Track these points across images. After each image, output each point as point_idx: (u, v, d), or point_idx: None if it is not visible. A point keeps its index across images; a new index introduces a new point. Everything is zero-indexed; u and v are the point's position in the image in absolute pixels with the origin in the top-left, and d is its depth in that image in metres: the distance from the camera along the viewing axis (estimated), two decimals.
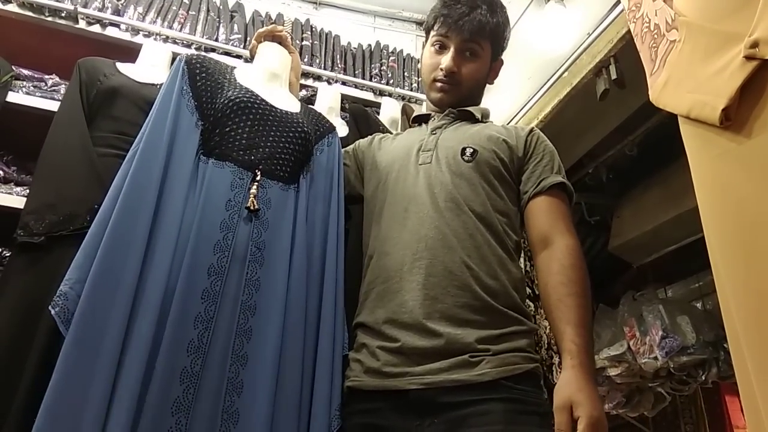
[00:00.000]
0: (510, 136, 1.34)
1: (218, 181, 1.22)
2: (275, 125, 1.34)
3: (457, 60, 1.41)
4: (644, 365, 2.71)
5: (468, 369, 1.08)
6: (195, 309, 1.09)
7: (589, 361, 1.07)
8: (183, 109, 1.28)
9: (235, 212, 1.21)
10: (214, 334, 1.10)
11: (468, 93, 1.45)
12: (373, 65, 2.60)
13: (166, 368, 1.03)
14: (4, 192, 1.74)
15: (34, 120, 1.74)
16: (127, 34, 2.12)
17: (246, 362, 1.11)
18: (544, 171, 1.30)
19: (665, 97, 1.13)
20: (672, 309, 2.75)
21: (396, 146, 1.43)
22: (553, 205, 1.26)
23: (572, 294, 1.12)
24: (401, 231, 1.25)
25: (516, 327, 1.15)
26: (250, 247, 1.19)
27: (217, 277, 1.14)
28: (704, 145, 1.01)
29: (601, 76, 1.85)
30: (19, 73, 1.88)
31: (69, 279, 1.08)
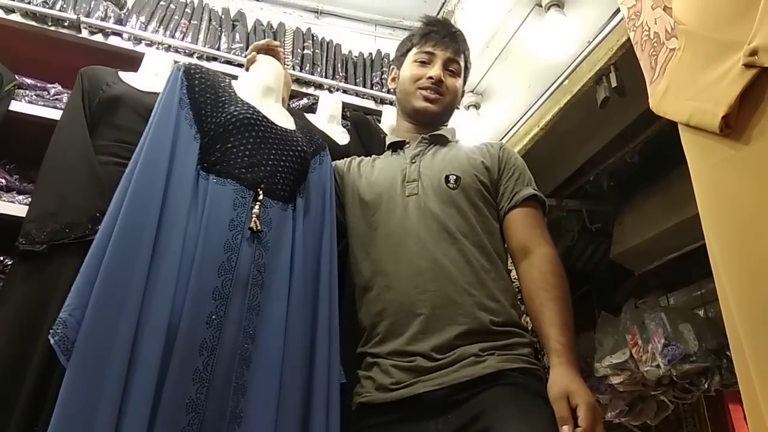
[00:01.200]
0: (485, 157, 1.40)
1: (220, 200, 1.19)
2: (276, 143, 1.32)
3: (444, 72, 1.48)
4: (647, 373, 2.69)
5: (473, 366, 1.13)
6: (201, 335, 1.06)
7: (574, 358, 1.14)
8: (182, 121, 1.26)
9: (238, 233, 1.17)
10: (217, 361, 1.06)
11: (449, 106, 1.52)
12: (374, 73, 2.61)
13: (174, 398, 1.00)
14: (6, 200, 1.74)
15: (37, 129, 1.74)
16: (130, 43, 2.13)
17: (245, 391, 1.08)
18: (517, 185, 1.36)
19: (665, 105, 1.13)
20: (674, 317, 2.74)
21: (379, 176, 1.43)
22: (529, 216, 1.33)
23: (553, 298, 1.20)
24: (399, 265, 1.27)
25: (517, 339, 1.20)
26: (252, 270, 1.16)
27: (222, 301, 1.10)
28: (704, 152, 1.01)
29: (601, 84, 1.86)
30: (21, 82, 1.89)
31: (68, 305, 1.02)
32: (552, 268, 1.24)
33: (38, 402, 1.27)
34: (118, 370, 0.97)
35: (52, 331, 0.99)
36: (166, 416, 0.98)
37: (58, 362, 1.29)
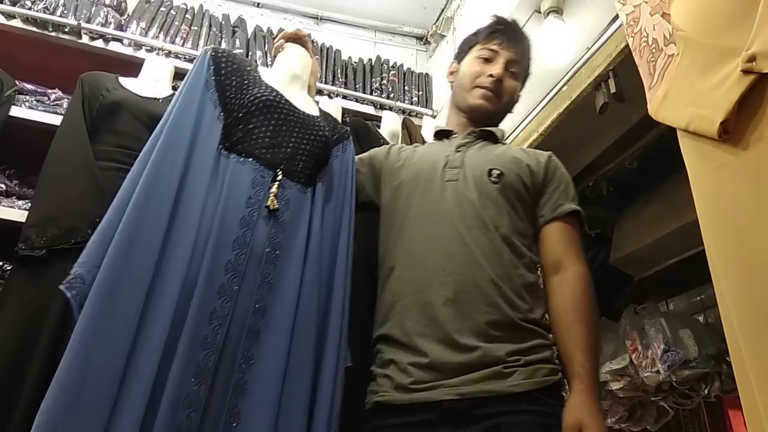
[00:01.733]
0: (531, 161, 1.37)
1: (240, 178, 1.22)
2: (297, 126, 1.34)
3: (504, 73, 1.45)
4: (646, 379, 2.69)
5: (501, 380, 1.10)
6: (211, 304, 1.08)
7: (595, 385, 1.13)
8: (207, 101, 1.28)
9: (255, 210, 1.19)
10: (228, 331, 1.08)
11: (503, 108, 1.49)
12: (374, 79, 2.62)
13: (183, 361, 1.02)
14: (6, 205, 1.75)
15: (37, 134, 1.75)
16: (130, 48, 2.14)
17: (252, 364, 1.10)
18: (561, 197, 1.33)
19: (664, 111, 1.13)
20: (674, 322, 2.73)
21: (419, 160, 1.42)
22: (567, 232, 1.31)
23: (582, 320, 1.18)
24: (429, 246, 1.25)
25: (540, 340, 1.18)
26: (267, 248, 1.18)
27: (234, 274, 1.12)
28: (703, 158, 1.01)
29: (600, 90, 1.86)
30: (22, 88, 1.90)
31: (86, 262, 1.03)
32: (584, 288, 1.23)
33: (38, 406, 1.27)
34: (127, 328, 0.99)
35: (69, 284, 1.00)
36: (175, 378, 1.00)
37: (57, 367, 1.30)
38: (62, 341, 1.34)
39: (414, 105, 2.65)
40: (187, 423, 0.99)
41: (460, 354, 1.13)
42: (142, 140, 1.61)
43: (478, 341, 1.13)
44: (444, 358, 1.13)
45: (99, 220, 1.44)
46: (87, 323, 0.97)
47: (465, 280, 1.19)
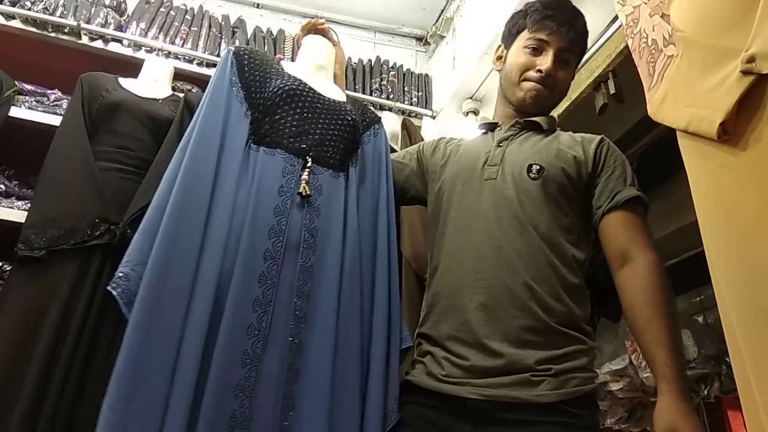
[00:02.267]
0: (578, 150, 1.29)
1: (270, 168, 1.23)
2: (324, 113, 1.35)
3: (556, 64, 1.35)
4: (646, 379, 2.68)
5: (528, 388, 1.08)
6: (252, 293, 1.10)
7: (684, 384, 1.05)
8: (233, 99, 1.30)
9: (287, 198, 1.21)
10: (273, 318, 1.10)
11: (554, 101, 1.41)
12: (374, 80, 2.62)
13: (229, 351, 1.03)
14: (6, 206, 1.75)
15: (36, 135, 1.75)
16: (130, 49, 2.14)
17: (302, 349, 1.11)
18: (617, 184, 1.25)
19: (663, 112, 1.13)
20: None
21: (461, 157, 1.39)
22: (630, 220, 1.22)
23: (660, 314, 1.10)
24: (464, 247, 1.24)
25: (577, 346, 1.14)
26: (303, 233, 1.19)
27: (273, 262, 1.14)
28: (702, 158, 1.01)
29: (599, 91, 1.86)
30: (21, 88, 1.90)
31: (129, 261, 1.07)
32: (658, 279, 1.14)
33: (38, 407, 1.27)
34: (177, 323, 1.02)
35: (114, 284, 1.04)
36: (220, 368, 1.01)
37: (56, 366, 1.30)
38: (61, 341, 1.35)
39: (414, 106, 2.65)
40: (241, 411, 1.01)
41: (491, 359, 1.11)
42: (141, 141, 1.63)
43: (509, 347, 1.11)
44: (475, 362, 1.12)
45: (98, 220, 1.46)
46: (138, 322, 1.00)
47: (496, 284, 1.16)
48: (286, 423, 1.05)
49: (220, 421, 0.99)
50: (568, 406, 1.07)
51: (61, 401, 1.30)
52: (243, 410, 1.02)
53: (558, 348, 1.12)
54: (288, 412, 1.06)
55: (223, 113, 1.25)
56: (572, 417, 1.07)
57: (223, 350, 1.03)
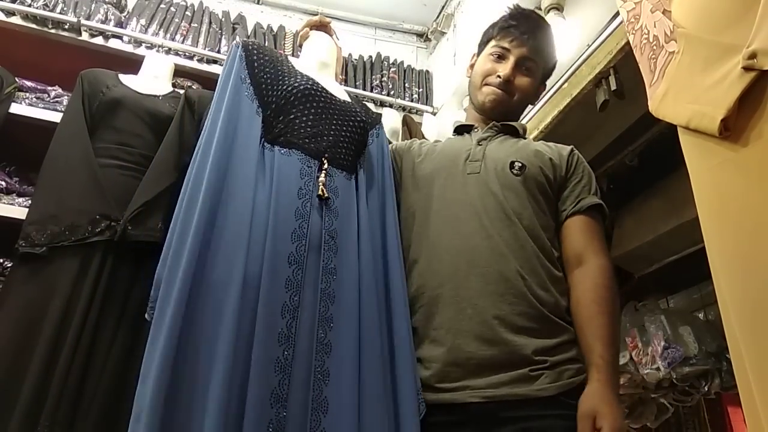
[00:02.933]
0: (554, 155, 1.36)
1: (288, 169, 1.22)
2: (336, 113, 1.35)
3: (515, 71, 1.42)
4: (646, 376, 2.69)
5: (528, 383, 1.10)
6: (281, 298, 1.09)
7: (614, 377, 1.12)
8: (243, 96, 1.28)
9: (307, 200, 1.20)
10: (300, 323, 1.09)
11: (515, 106, 1.47)
12: (374, 76, 2.62)
13: (263, 358, 1.03)
14: (6, 203, 1.75)
15: (37, 131, 1.75)
16: (130, 45, 2.14)
17: (330, 350, 1.11)
18: (583, 191, 1.33)
19: (664, 108, 1.13)
20: (674, 319, 2.73)
21: (441, 154, 1.42)
22: (589, 225, 1.30)
23: (603, 313, 1.18)
24: (453, 238, 1.25)
25: (567, 336, 1.18)
26: (324, 236, 1.19)
27: (298, 266, 1.13)
28: (703, 155, 1.01)
29: (600, 87, 1.85)
30: (22, 85, 1.90)
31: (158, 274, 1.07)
32: (606, 282, 1.22)
33: (39, 403, 1.28)
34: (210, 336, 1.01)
35: (147, 314, 1.04)
36: (257, 375, 1.00)
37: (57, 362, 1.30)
38: (63, 338, 1.35)
39: (414, 102, 2.65)
40: (277, 419, 1.00)
41: (487, 347, 1.13)
42: (142, 137, 1.63)
43: (507, 332, 1.14)
44: (472, 351, 1.13)
45: (99, 217, 1.46)
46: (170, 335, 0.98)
47: (491, 272, 1.19)
48: (320, 426, 1.04)
49: (262, 429, 0.98)
50: (567, 398, 1.10)
51: (63, 397, 1.30)
52: (279, 418, 1.01)
53: (551, 337, 1.16)
54: (321, 415, 1.05)
55: (232, 112, 1.23)
56: (571, 409, 1.10)
57: (258, 360, 1.02)
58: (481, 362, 1.12)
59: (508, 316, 1.15)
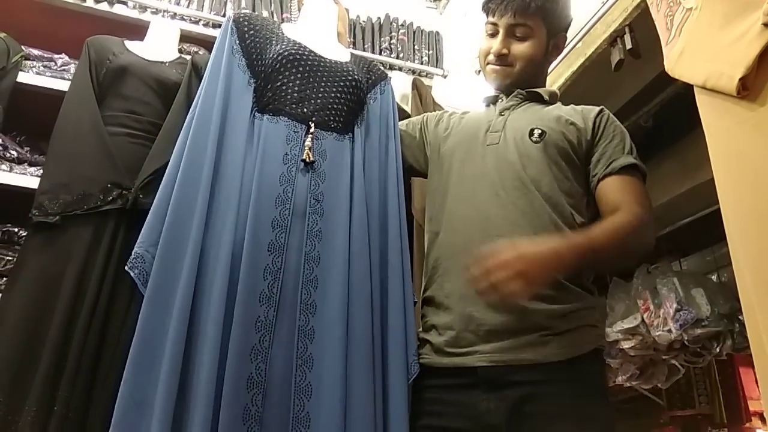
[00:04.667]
0: (578, 118, 1.32)
1: (274, 136, 1.25)
2: (325, 76, 1.35)
3: (506, 42, 1.37)
4: (658, 338, 2.70)
5: (537, 348, 1.11)
6: (263, 261, 1.13)
7: (572, 252, 1.09)
8: (235, 68, 1.30)
9: (292, 165, 1.23)
10: (283, 284, 1.14)
11: (524, 73, 1.40)
12: (383, 39, 2.57)
13: (244, 317, 1.07)
14: (18, 172, 1.76)
15: (45, 100, 1.75)
16: (135, 11, 2.12)
17: (315, 310, 1.15)
18: (615, 152, 1.27)
19: (681, 67, 1.10)
20: (687, 281, 2.73)
21: (463, 127, 1.42)
22: (625, 183, 1.24)
23: (612, 232, 1.14)
24: (468, 209, 1.26)
25: (584, 303, 1.17)
26: (309, 199, 1.22)
27: (281, 230, 1.17)
28: (721, 115, 0.99)
29: (615, 46, 1.81)
30: (29, 54, 1.88)
31: (143, 242, 1.12)
32: (634, 222, 1.16)
33: (58, 370, 1.30)
34: (184, 295, 1.06)
35: (131, 264, 1.11)
36: (237, 334, 1.06)
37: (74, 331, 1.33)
38: (79, 305, 1.37)
39: (424, 65, 2.61)
40: (257, 373, 1.06)
41: (499, 314, 1.13)
42: (149, 105, 1.62)
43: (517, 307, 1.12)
44: (483, 318, 1.14)
45: (110, 185, 1.46)
46: (148, 300, 1.07)
47: (503, 241, 1.16)
48: (303, 381, 1.09)
49: (239, 383, 1.03)
50: (578, 364, 1.11)
51: (81, 364, 1.32)
52: (259, 372, 1.06)
53: (565, 303, 1.15)
54: (306, 370, 1.10)
55: (224, 84, 1.26)
56: (582, 374, 1.11)
57: (239, 318, 1.07)
58: (492, 328, 1.13)
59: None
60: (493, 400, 1.10)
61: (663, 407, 3.67)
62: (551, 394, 1.08)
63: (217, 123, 1.21)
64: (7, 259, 1.66)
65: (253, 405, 1.04)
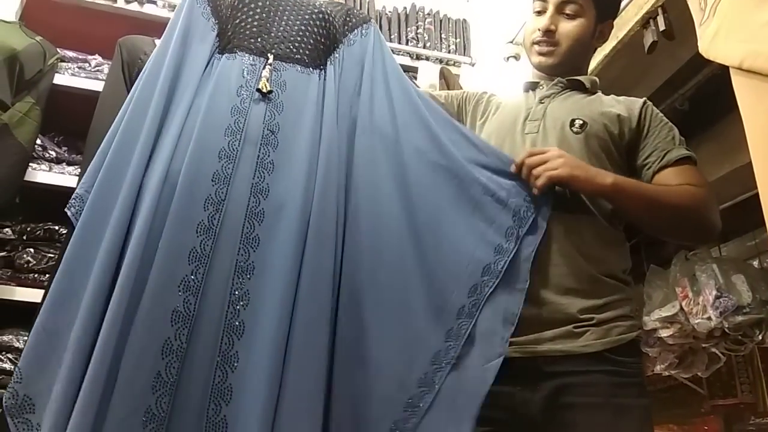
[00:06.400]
0: (622, 110, 1.29)
1: (230, 71, 1.22)
2: (288, 9, 1.31)
3: (554, 18, 1.33)
4: (697, 326, 2.65)
5: (572, 339, 1.10)
6: (204, 191, 1.08)
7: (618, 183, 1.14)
8: (197, 17, 1.28)
9: (247, 97, 1.19)
10: (225, 215, 1.07)
11: (569, 55, 1.36)
12: (409, 28, 2.56)
13: (170, 247, 1.02)
14: (57, 172, 1.81)
15: (81, 100, 1.79)
16: (165, 10, 2.15)
17: (258, 244, 1.07)
18: (667, 144, 1.25)
19: (716, 48, 1.08)
20: (726, 268, 2.66)
21: (503, 113, 1.39)
22: (685, 171, 1.22)
23: (666, 192, 1.17)
24: None
25: (618, 295, 1.16)
26: (263, 130, 1.16)
27: (228, 161, 1.11)
28: (758, 96, 0.96)
29: (648, 28, 1.78)
30: (63, 56, 1.93)
31: (84, 183, 1.11)
32: (698, 195, 1.17)
33: None
34: (114, 229, 1.03)
35: (69, 205, 1.09)
36: (162, 264, 1.00)
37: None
38: None
39: (452, 53, 2.58)
40: (185, 306, 0.99)
41: (532, 307, 1.12)
42: None
43: (551, 294, 1.13)
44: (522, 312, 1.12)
45: None
46: (75, 234, 1.04)
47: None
48: (235, 318, 1.02)
49: (161, 315, 0.98)
50: (613, 355, 1.10)
51: None
52: (187, 306, 1.00)
53: (599, 297, 1.13)
54: (240, 307, 1.03)
55: (181, 33, 1.23)
56: (618, 365, 1.10)
57: (166, 247, 1.01)
58: (525, 321, 1.11)
59: (553, 277, 1.13)
60: (528, 391, 1.10)
61: (704, 396, 3.60)
62: (587, 385, 1.08)
63: (170, 69, 1.18)
64: (48, 257, 1.72)
65: (176, 340, 0.97)
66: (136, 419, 0.91)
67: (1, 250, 1.73)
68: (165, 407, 0.93)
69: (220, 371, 0.98)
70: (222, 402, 0.96)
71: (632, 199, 1.15)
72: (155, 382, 0.94)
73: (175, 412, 0.94)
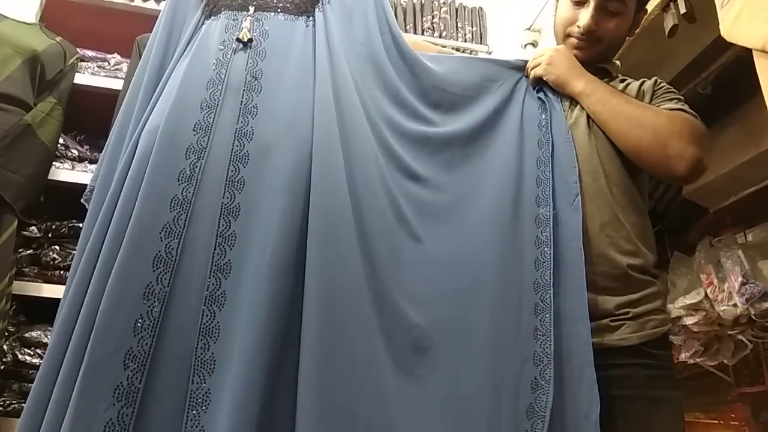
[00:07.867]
0: (640, 93, 1.29)
1: (213, 30, 1.23)
2: None
3: (597, 17, 1.28)
4: (723, 313, 2.61)
5: (608, 333, 1.10)
6: (185, 141, 1.08)
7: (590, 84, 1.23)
8: None
9: (228, 49, 1.19)
10: (207, 162, 1.07)
11: (607, 51, 1.36)
12: (425, 18, 2.55)
13: (150, 196, 1.02)
14: (80, 170, 1.84)
15: (101, 99, 1.82)
16: None
17: (243, 186, 1.07)
18: (664, 102, 1.24)
19: (738, 31, 1.05)
20: (753, 254, 2.62)
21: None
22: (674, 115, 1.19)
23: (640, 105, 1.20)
24: None
25: (651, 289, 1.16)
26: (246, 77, 1.16)
27: (210, 111, 1.11)
28: None
29: (669, 11, 1.75)
30: (83, 55, 1.96)
31: (95, 177, 1.21)
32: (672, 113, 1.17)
33: None
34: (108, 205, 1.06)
35: (84, 198, 1.21)
36: (142, 211, 1.00)
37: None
38: None
39: (468, 42, 2.57)
40: (167, 250, 0.99)
41: None
42: None
43: (588, 293, 1.10)
44: None
45: None
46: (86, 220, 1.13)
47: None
48: (222, 259, 1.01)
49: (141, 261, 0.98)
50: (649, 348, 1.10)
51: None
52: (169, 251, 0.99)
53: (634, 292, 1.13)
54: (227, 248, 1.02)
55: (169, 14, 1.29)
56: (653, 358, 1.10)
57: (145, 197, 1.01)
58: None
59: (588, 276, 1.11)
60: None
61: (730, 384, 3.55)
62: (622, 378, 1.08)
63: (159, 49, 1.24)
64: (74, 253, 1.74)
65: (158, 284, 0.97)
66: (116, 360, 0.91)
67: (28, 248, 1.77)
68: (147, 348, 0.93)
69: (207, 310, 0.98)
70: (210, 340, 0.96)
71: (603, 103, 1.19)
72: (137, 324, 0.94)
73: (159, 352, 0.94)
